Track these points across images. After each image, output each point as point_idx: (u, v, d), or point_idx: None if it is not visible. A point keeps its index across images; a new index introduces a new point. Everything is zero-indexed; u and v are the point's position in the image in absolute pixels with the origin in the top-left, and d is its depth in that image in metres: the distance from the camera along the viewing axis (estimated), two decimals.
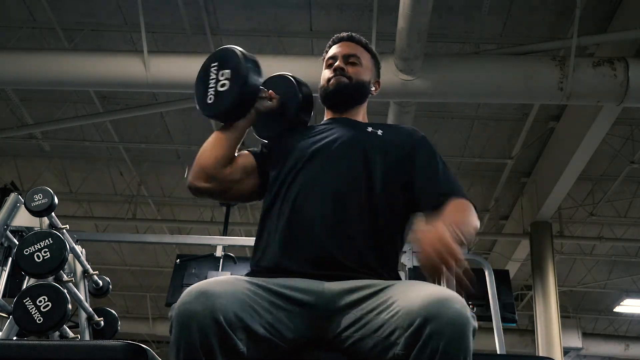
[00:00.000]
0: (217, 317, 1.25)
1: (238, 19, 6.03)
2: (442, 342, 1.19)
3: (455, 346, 1.20)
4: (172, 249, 10.11)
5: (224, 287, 1.33)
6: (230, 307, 1.28)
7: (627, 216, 8.88)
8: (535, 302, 7.97)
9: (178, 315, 1.27)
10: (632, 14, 5.25)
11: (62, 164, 8.62)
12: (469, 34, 5.96)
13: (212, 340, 1.24)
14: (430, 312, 1.22)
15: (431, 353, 1.20)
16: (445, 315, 1.21)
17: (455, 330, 1.21)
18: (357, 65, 1.81)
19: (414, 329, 1.23)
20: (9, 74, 5.52)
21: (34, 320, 2.47)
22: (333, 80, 1.79)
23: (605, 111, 5.73)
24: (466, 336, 1.22)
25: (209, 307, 1.25)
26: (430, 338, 1.20)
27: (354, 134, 1.71)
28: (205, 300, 1.26)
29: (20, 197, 2.95)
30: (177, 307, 1.29)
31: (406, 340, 1.24)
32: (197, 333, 1.24)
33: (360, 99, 1.83)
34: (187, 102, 6.58)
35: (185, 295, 1.30)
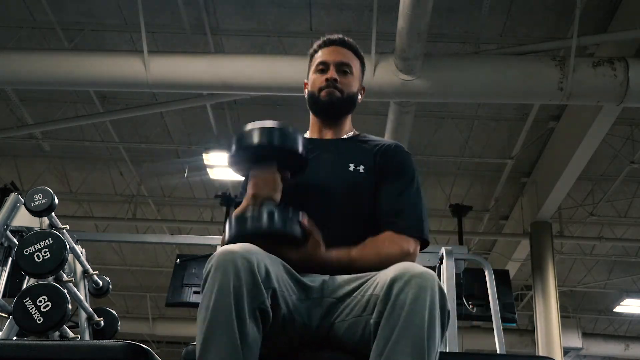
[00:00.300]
0: (252, 266, 1.30)
1: (238, 19, 6.03)
2: (407, 300, 1.26)
3: (420, 302, 1.26)
4: (172, 249, 10.11)
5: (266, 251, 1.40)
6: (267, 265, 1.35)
7: (627, 216, 8.88)
8: (535, 302, 7.97)
9: (217, 259, 1.31)
10: (632, 14, 5.25)
11: (62, 164, 8.62)
12: (469, 34, 5.96)
13: (243, 287, 1.28)
14: (398, 274, 1.30)
15: (398, 311, 1.26)
16: (409, 273, 1.29)
17: (420, 287, 1.27)
18: (348, 75, 1.80)
19: (385, 291, 1.30)
20: (9, 74, 5.52)
21: (34, 320, 2.47)
22: (325, 93, 1.77)
23: (605, 111, 5.73)
24: (432, 290, 1.28)
25: (249, 256, 1.31)
26: (397, 296, 1.27)
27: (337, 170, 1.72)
28: (247, 251, 1.32)
29: (20, 197, 2.95)
30: (218, 253, 1.33)
31: (379, 306, 1.31)
32: (233, 276, 1.28)
33: (349, 111, 1.84)
34: (187, 102, 6.59)
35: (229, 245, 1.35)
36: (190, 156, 8.03)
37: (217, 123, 7.33)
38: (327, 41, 1.84)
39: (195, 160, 7.80)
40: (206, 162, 7.57)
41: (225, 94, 6.26)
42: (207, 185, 8.69)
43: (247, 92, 5.94)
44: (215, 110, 7.17)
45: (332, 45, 1.83)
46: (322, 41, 1.86)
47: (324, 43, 1.85)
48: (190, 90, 6.07)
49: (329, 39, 1.85)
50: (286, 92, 5.56)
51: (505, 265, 9.49)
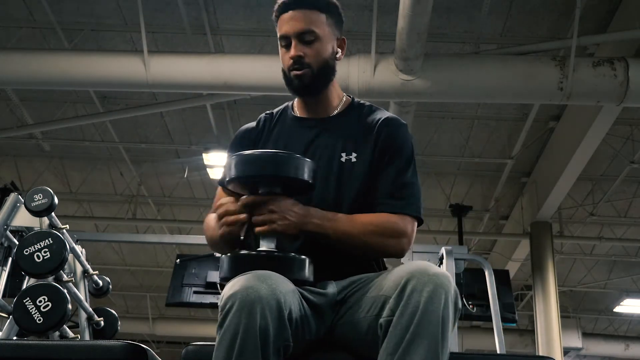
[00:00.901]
0: (280, 304, 1.25)
1: (238, 19, 6.03)
2: (422, 298, 1.24)
3: (436, 302, 1.24)
4: (172, 249, 10.12)
5: (283, 279, 1.34)
6: (289, 300, 1.29)
7: (627, 216, 8.88)
8: (535, 302, 7.97)
9: (243, 297, 1.23)
10: (632, 14, 5.25)
11: (62, 164, 8.62)
12: (469, 34, 5.96)
13: (270, 328, 1.23)
14: (413, 273, 1.28)
15: (413, 309, 1.24)
16: (425, 274, 1.27)
17: (436, 288, 1.25)
18: (313, 42, 1.62)
19: (399, 290, 1.27)
20: (9, 74, 5.52)
21: (34, 320, 2.46)
22: (294, 75, 1.63)
23: (605, 111, 5.73)
24: (447, 294, 1.26)
25: (275, 294, 1.25)
26: (411, 295, 1.25)
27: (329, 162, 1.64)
28: (270, 286, 1.26)
29: (20, 197, 2.95)
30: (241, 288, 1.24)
31: (391, 304, 1.28)
32: (260, 316, 1.22)
33: (327, 78, 1.68)
34: (187, 102, 6.59)
35: (248, 279, 1.27)
36: (190, 156, 8.03)
37: (217, 123, 7.32)
38: (282, 7, 1.66)
39: (195, 160, 7.80)
40: (206, 162, 7.58)
41: (225, 94, 6.26)
42: (207, 185, 8.69)
43: (247, 92, 5.94)
44: (215, 110, 7.17)
45: (288, 11, 1.65)
46: (278, 5, 1.68)
47: (279, 9, 1.68)
48: (190, 90, 6.07)
49: (283, 2, 1.67)
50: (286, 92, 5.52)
51: (505, 265, 9.49)
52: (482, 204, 8.98)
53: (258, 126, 1.77)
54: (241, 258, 1.41)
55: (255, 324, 1.21)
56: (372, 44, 5.17)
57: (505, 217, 9.34)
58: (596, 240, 9.30)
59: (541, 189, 7.75)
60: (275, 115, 1.79)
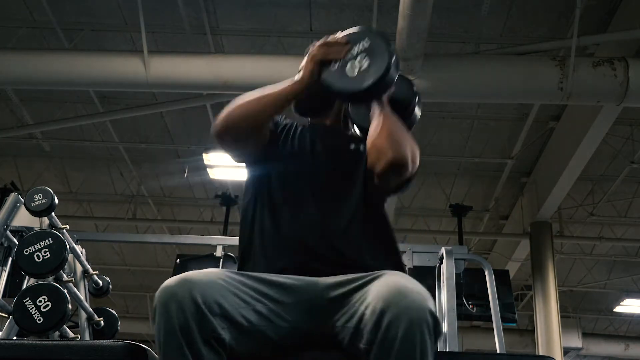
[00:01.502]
0: (195, 298, 1.27)
1: (238, 19, 6.03)
2: (399, 333, 1.22)
3: (412, 335, 1.22)
4: (172, 249, 10.11)
5: (207, 275, 1.35)
6: (210, 293, 1.30)
7: (627, 216, 8.88)
8: (535, 302, 7.97)
9: (159, 298, 1.29)
10: (632, 14, 5.25)
11: (62, 164, 8.62)
12: (469, 34, 5.96)
13: (190, 322, 1.26)
14: (389, 301, 1.25)
15: (389, 344, 1.23)
16: (400, 304, 1.24)
17: (411, 320, 1.22)
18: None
19: (374, 321, 1.26)
20: (9, 74, 5.52)
21: (34, 320, 2.47)
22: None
23: (605, 111, 5.73)
24: (421, 326, 1.23)
25: (188, 289, 1.28)
26: (388, 330, 1.23)
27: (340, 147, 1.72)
28: (185, 284, 1.29)
29: (20, 197, 2.95)
30: (159, 290, 1.31)
31: (368, 335, 1.27)
32: (176, 314, 1.26)
33: (331, 102, 1.80)
34: (187, 102, 6.59)
35: (167, 281, 1.32)
36: (190, 156, 8.03)
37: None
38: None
39: (195, 160, 7.80)
40: (206, 162, 7.57)
41: (225, 94, 6.25)
42: (207, 185, 8.69)
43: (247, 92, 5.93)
44: (215, 110, 7.16)
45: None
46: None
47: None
48: (190, 90, 6.07)
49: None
50: None
51: (505, 265, 9.49)
52: (482, 204, 8.98)
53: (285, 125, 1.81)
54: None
55: (174, 322, 1.25)
56: None
57: (505, 217, 9.34)
58: (596, 240, 9.30)
59: (541, 189, 7.75)
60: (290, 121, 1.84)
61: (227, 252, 4.55)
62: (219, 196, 8.31)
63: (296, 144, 1.72)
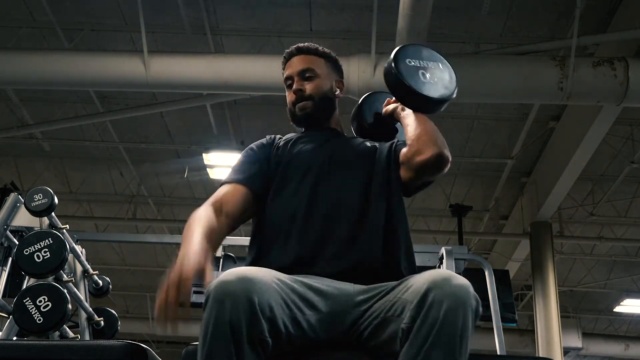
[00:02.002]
0: (252, 298, 1.27)
1: (238, 19, 6.03)
2: (441, 311, 1.25)
3: (454, 315, 1.26)
4: (172, 249, 10.08)
5: (264, 275, 1.36)
6: (266, 295, 1.31)
7: (627, 216, 8.88)
8: (535, 302, 7.97)
9: (215, 292, 1.29)
10: (632, 14, 5.25)
11: (62, 164, 8.62)
12: (469, 34, 5.96)
13: (242, 319, 1.26)
14: (435, 283, 1.30)
15: (432, 321, 1.26)
16: (447, 287, 1.28)
17: (455, 301, 1.27)
18: (313, 78, 1.81)
19: (419, 299, 1.29)
20: (9, 74, 5.52)
21: (34, 320, 2.47)
22: (298, 108, 1.80)
23: (605, 111, 5.73)
24: (466, 308, 1.28)
25: (247, 288, 1.28)
26: (431, 306, 1.27)
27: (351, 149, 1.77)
28: (244, 282, 1.29)
29: (20, 197, 2.95)
30: (215, 284, 1.30)
31: (411, 312, 1.30)
32: (230, 310, 1.26)
33: (329, 111, 1.85)
34: (187, 102, 6.59)
35: (225, 275, 1.32)
36: (190, 156, 8.03)
37: (217, 123, 7.32)
38: (287, 55, 1.89)
39: (195, 160, 7.80)
40: (206, 162, 7.57)
41: (225, 94, 6.26)
42: (207, 185, 8.68)
43: (247, 92, 5.94)
44: (215, 110, 7.17)
45: (292, 58, 1.87)
46: (283, 57, 1.90)
47: (284, 59, 1.89)
48: (190, 90, 6.07)
49: (287, 52, 1.89)
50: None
51: (505, 265, 9.49)
52: (482, 204, 8.97)
53: (270, 140, 1.84)
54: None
55: (226, 317, 1.25)
56: (372, 44, 5.17)
57: (505, 217, 9.34)
58: (596, 240, 9.30)
59: (541, 189, 7.75)
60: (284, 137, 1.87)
61: (227, 252, 4.55)
62: None
63: (308, 152, 1.73)
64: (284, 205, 1.64)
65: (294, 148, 1.76)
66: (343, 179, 1.66)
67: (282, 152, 1.75)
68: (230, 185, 1.68)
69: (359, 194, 1.64)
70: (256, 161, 1.73)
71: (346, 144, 1.79)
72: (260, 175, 1.70)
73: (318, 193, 1.63)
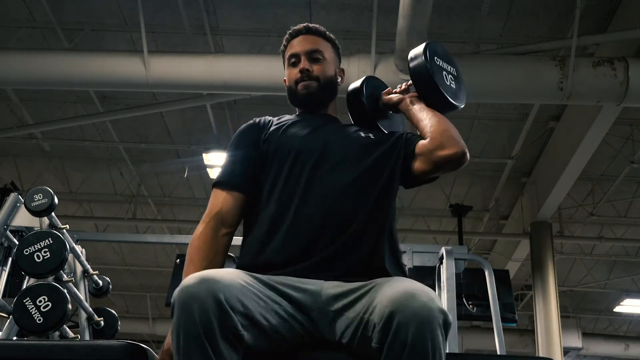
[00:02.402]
0: (218, 297, 1.27)
1: (238, 19, 6.03)
2: (409, 333, 1.23)
3: (422, 336, 1.23)
4: (172, 249, 10.11)
5: (226, 274, 1.36)
6: (232, 291, 1.31)
7: (627, 216, 8.88)
8: (535, 302, 7.97)
9: (179, 297, 1.29)
10: (632, 14, 5.25)
11: (62, 164, 8.62)
12: (469, 34, 5.96)
13: (212, 319, 1.26)
14: (397, 305, 1.26)
15: (401, 345, 1.24)
16: (410, 307, 1.25)
17: (421, 321, 1.24)
18: (321, 61, 1.79)
19: (384, 322, 1.27)
20: (9, 74, 5.52)
21: (34, 320, 2.46)
22: (301, 86, 1.77)
23: (605, 111, 5.73)
24: (433, 327, 1.25)
25: (211, 288, 1.28)
26: (398, 330, 1.24)
27: (347, 136, 1.74)
28: (206, 283, 1.29)
29: (20, 197, 2.95)
30: (178, 290, 1.30)
31: (379, 335, 1.28)
32: (198, 312, 1.26)
33: (331, 97, 1.84)
34: (187, 102, 6.59)
35: (186, 280, 1.32)
36: (190, 156, 8.03)
37: (217, 123, 7.32)
38: (293, 33, 1.83)
39: (195, 160, 7.80)
40: (206, 162, 7.58)
41: (225, 94, 6.26)
42: (207, 185, 8.67)
43: (247, 92, 5.94)
44: (215, 110, 7.17)
45: (299, 36, 1.82)
46: (289, 34, 1.85)
47: (290, 36, 1.84)
48: (190, 90, 6.07)
49: (294, 30, 1.84)
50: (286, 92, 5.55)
51: (505, 265, 9.49)
52: (482, 204, 8.98)
53: (262, 122, 1.80)
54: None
55: (195, 319, 1.25)
56: (372, 44, 5.17)
57: (505, 217, 9.34)
58: (596, 240, 9.30)
59: (541, 189, 7.75)
60: (279, 118, 1.84)
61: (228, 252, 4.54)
62: None
63: (300, 138, 1.70)
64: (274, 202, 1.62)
65: (286, 133, 1.72)
66: (335, 171, 1.63)
67: (273, 136, 1.72)
68: (225, 193, 1.66)
69: (349, 189, 1.60)
70: (248, 158, 1.70)
71: (341, 131, 1.75)
72: (252, 174, 1.68)
73: (309, 188, 1.60)
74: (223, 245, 1.63)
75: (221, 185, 1.68)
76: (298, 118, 1.80)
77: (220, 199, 1.66)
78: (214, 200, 1.67)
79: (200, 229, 1.62)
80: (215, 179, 1.70)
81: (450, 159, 1.62)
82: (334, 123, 1.79)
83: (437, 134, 1.63)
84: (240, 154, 1.72)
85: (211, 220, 1.62)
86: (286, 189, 1.61)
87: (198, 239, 1.60)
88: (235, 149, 1.73)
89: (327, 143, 1.68)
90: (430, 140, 1.64)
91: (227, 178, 1.68)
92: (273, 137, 1.72)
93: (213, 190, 1.69)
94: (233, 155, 1.72)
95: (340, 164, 1.64)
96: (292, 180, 1.62)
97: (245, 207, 1.67)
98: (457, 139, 1.64)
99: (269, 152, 1.69)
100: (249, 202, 1.67)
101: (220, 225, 1.63)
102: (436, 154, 1.62)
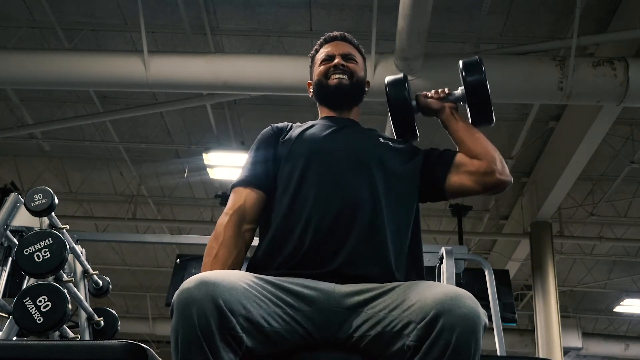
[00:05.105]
0: (217, 301, 1.27)
1: (238, 19, 6.03)
2: (454, 335, 1.24)
3: (467, 340, 1.25)
4: (172, 249, 10.11)
5: (227, 276, 1.36)
6: (233, 294, 1.31)
7: (627, 216, 8.88)
8: (535, 302, 7.97)
9: (178, 300, 1.29)
10: (632, 14, 5.25)
11: (62, 164, 8.62)
12: (469, 34, 5.96)
13: (211, 323, 1.26)
14: (444, 306, 1.27)
15: (444, 346, 1.25)
16: (458, 311, 1.26)
17: (468, 325, 1.26)
18: (355, 62, 1.82)
19: (427, 322, 1.27)
20: (9, 74, 5.52)
21: (34, 320, 2.46)
22: (334, 78, 1.76)
23: (605, 111, 5.73)
24: (477, 331, 1.27)
25: (210, 292, 1.28)
26: (442, 331, 1.25)
27: (366, 140, 1.74)
28: (205, 287, 1.29)
29: (20, 197, 2.95)
30: (178, 293, 1.31)
31: (418, 332, 1.29)
32: (197, 315, 1.26)
33: (360, 98, 1.84)
34: (187, 102, 6.59)
35: (186, 282, 1.32)
36: (190, 156, 8.03)
37: (217, 123, 7.33)
38: (329, 38, 1.87)
39: (195, 160, 7.80)
40: (206, 162, 7.57)
41: (225, 94, 6.26)
42: (207, 185, 8.69)
43: (247, 92, 5.94)
44: (215, 110, 7.17)
45: (335, 41, 1.86)
46: (323, 39, 1.87)
47: (324, 40, 1.87)
48: (190, 90, 6.07)
49: (329, 35, 1.88)
50: (286, 92, 5.56)
51: (505, 265, 9.49)
52: (482, 204, 8.98)
53: (281, 126, 1.81)
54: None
55: (194, 322, 1.25)
56: (372, 44, 5.17)
57: (505, 217, 9.34)
58: (596, 240, 9.30)
59: (541, 189, 7.75)
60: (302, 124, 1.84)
61: None
62: (219, 196, 8.30)
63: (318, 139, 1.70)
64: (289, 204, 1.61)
65: (304, 134, 1.72)
66: (352, 173, 1.62)
67: (291, 138, 1.72)
68: (247, 190, 1.67)
69: (365, 192, 1.59)
70: (267, 159, 1.72)
71: (361, 134, 1.76)
72: (271, 174, 1.69)
73: (324, 192, 1.59)
74: (245, 242, 1.62)
75: (243, 183, 1.68)
76: (320, 122, 1.81)
77: (242, 195, 1.66)
78: (235, 196, 1.67)
79: (225, 221, 1.62)
80: (236, 179, 1.71)
81: (503, 186, 1.69)
82: (355, 126, 1.80)
83: (494, 159, 1.71)
84: (260, 155, 1.73)
85: (235, 214, 1.63)
86: (301, 191, 1.61)
87: (224, 232, 1.60)
88: (255, 151, 1.75)
89: (345, 144, 1.68)
90: (487, 163, 1.70)
91: (248, 177, 1.69)
92: (291, 139, 1.72)
93: (233, 190, 1.70)
94: (253, 157, 1.74)
95: (358, 166, 1.63)
96: (307, 182, 1.62)
97: (264, 205, 1.67)
98: (506, 168, 1.72)
99: (285, 154, 1.69)
100: (267, 203, 1.68)
101: (243, 220, 1.63)
102: (488, 178, 1.67)
